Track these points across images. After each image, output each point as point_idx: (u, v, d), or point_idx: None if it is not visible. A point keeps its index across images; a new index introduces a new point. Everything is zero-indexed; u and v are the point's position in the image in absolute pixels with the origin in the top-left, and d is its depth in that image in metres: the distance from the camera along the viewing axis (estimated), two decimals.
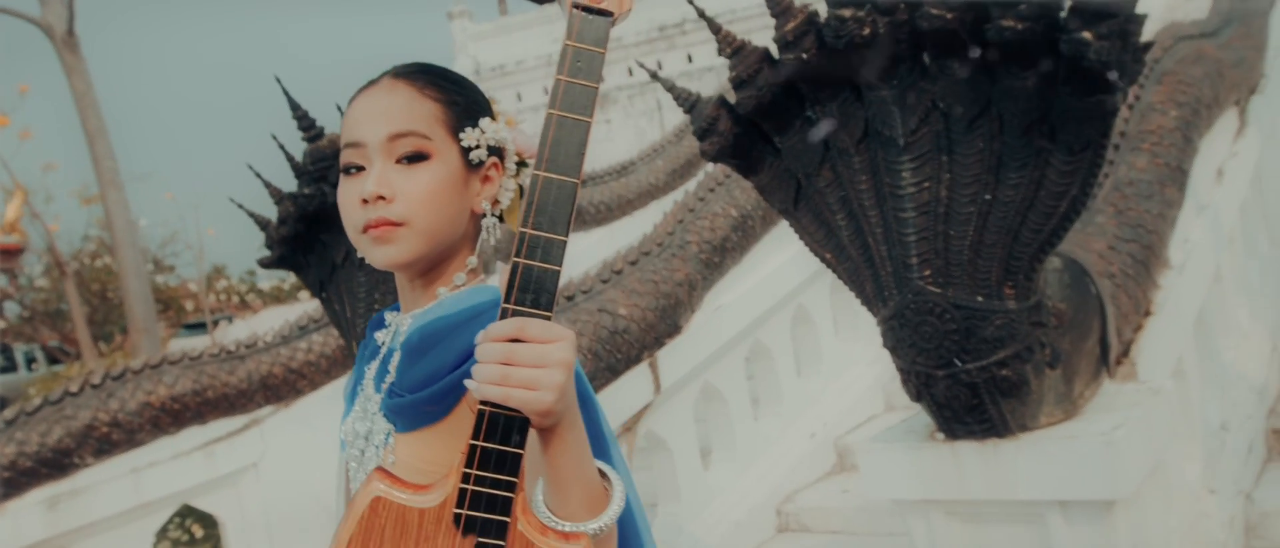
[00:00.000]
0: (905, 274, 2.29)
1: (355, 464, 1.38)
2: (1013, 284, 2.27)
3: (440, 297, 1.37)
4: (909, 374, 2.41)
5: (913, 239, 2.25)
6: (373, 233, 1.31)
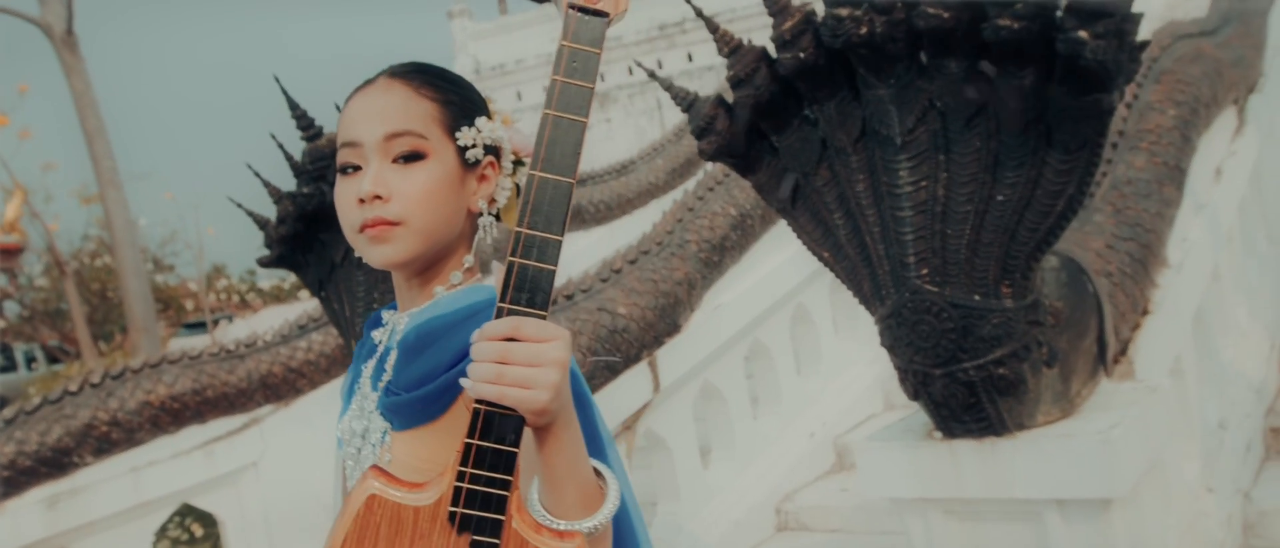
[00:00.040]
0: (902, 273, 2.29)
1: (352, 462, 1.38)
2: (1010, 283, 2.27)
3: (437, 296, 1.37)
4: (906, 373, 2.42)
5: (910, 238, 2.26)
6: (370, 232, 1.31)
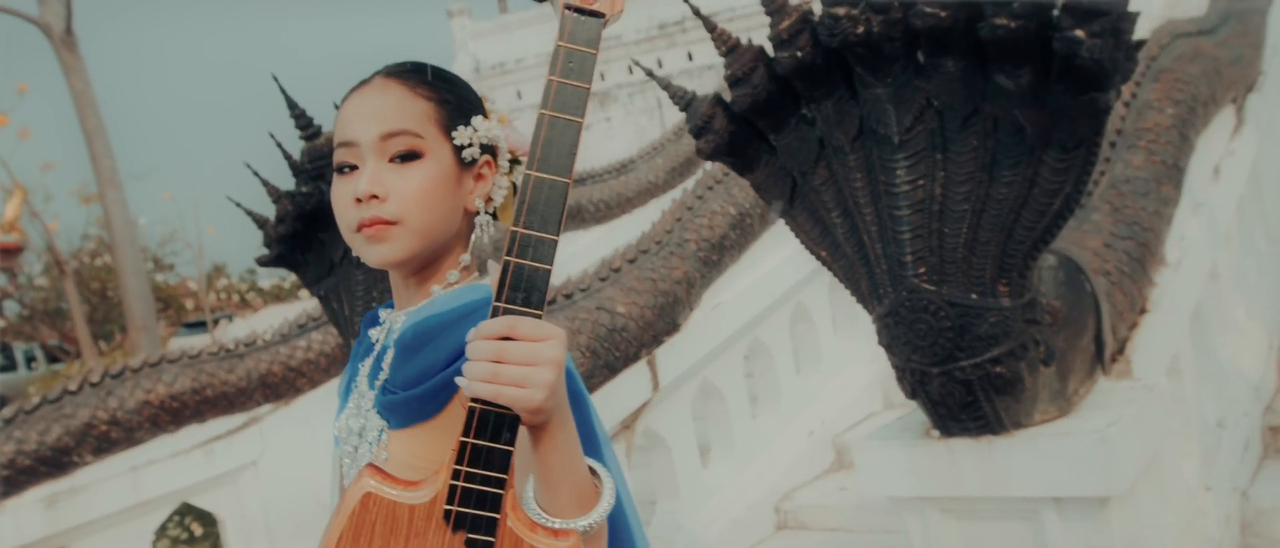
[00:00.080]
0: (900, 272, 2.29)
1: (349, 461, 1.38)
2: (1007, 282, 2.27)
3: (434, 294, 1.38)
4: (904, 371, 2.42)
5: (907, 237, 2.26)
6: (366, 232, 1.32)
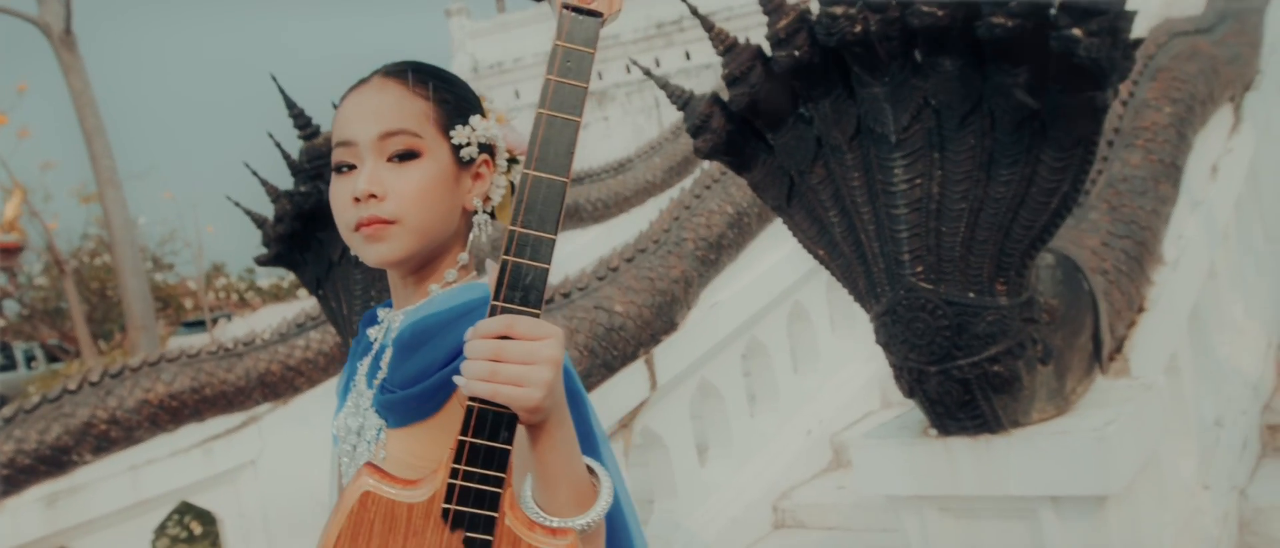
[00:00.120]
0: (897, 271, 2.30)
1: (347, 460, 1.39)
2: (1004, 280, 2.28)
3: (432, 294, 1.38)
4: (901, 370, 2.42)
5: (905, 236, 2.26)
6: (365, 231, 1.32)
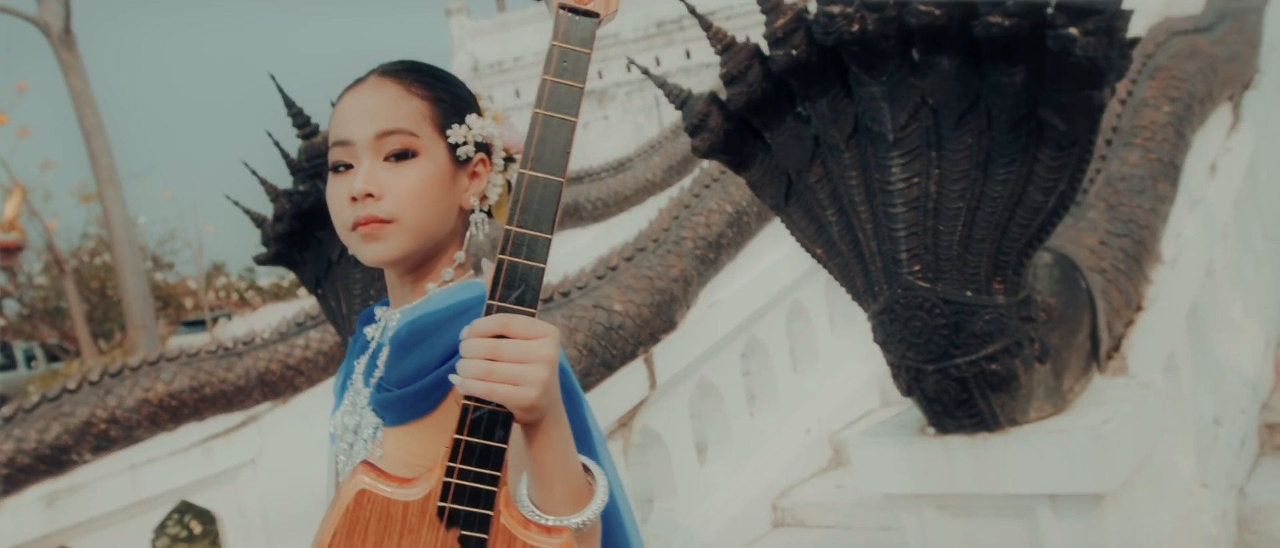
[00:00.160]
0: (895, 269, 2.30)
1: (344, 458, 1.39)
2: (1002, 279, 2.28)
3: (429, 292, 1.38)
4: (899, 369, 2.43)
5: (902, 234, 2.26)
6: (362, 230, 1.32)
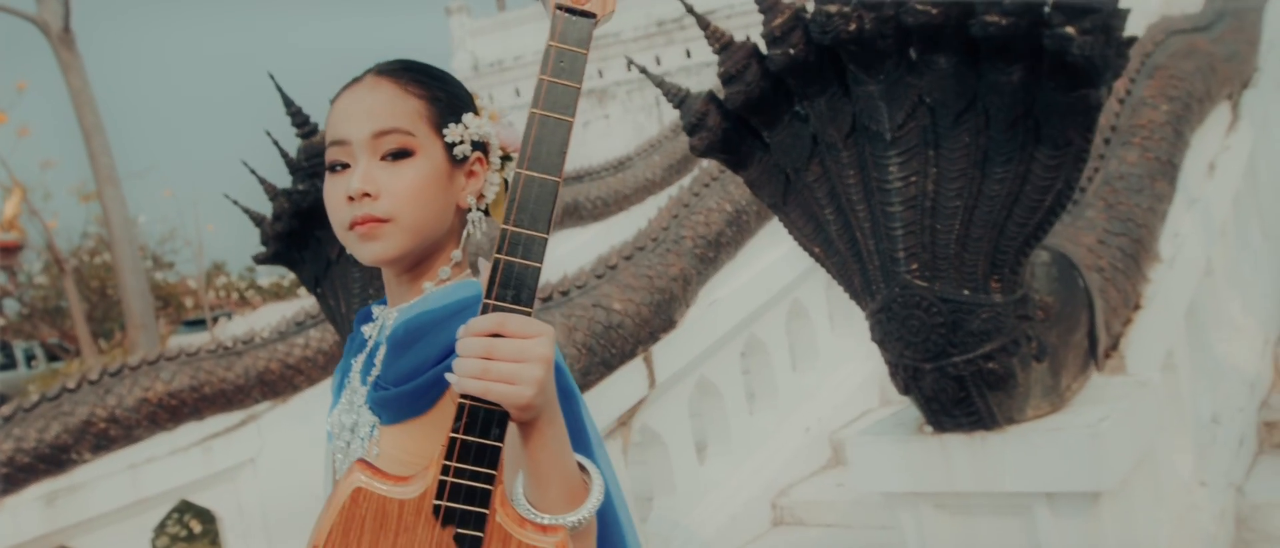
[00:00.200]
0: (892, 268, 2.30)
1: (341, 456, 1.39)
2: (999, 278, 2.28)
3: (426, 291, 1.38)
4: (897, 367, 2.43)
5: (900, 233, 2.27)
6: (359, 230, 1.33)
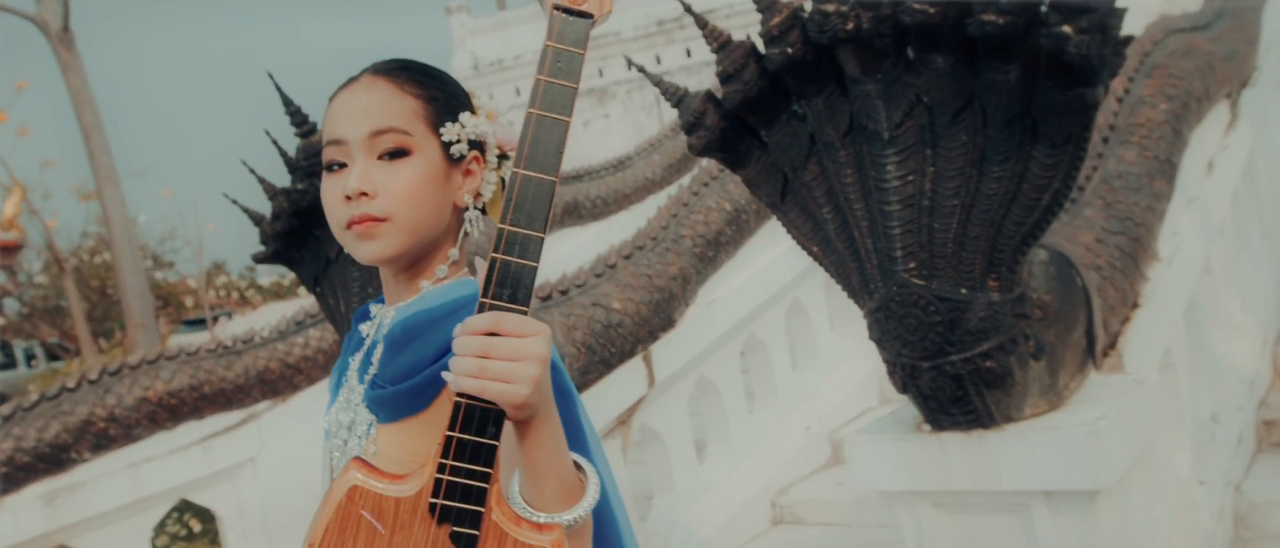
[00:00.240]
0: (890, 267, 2.31)
1: (338, 454, 1.40)
2: (996, 276, 2.28)
3: (423, 290, 1.39)
4: (895, 366, 2.43)
5: (897, 232, 2.27)
6: (356, 229, 1.33)
